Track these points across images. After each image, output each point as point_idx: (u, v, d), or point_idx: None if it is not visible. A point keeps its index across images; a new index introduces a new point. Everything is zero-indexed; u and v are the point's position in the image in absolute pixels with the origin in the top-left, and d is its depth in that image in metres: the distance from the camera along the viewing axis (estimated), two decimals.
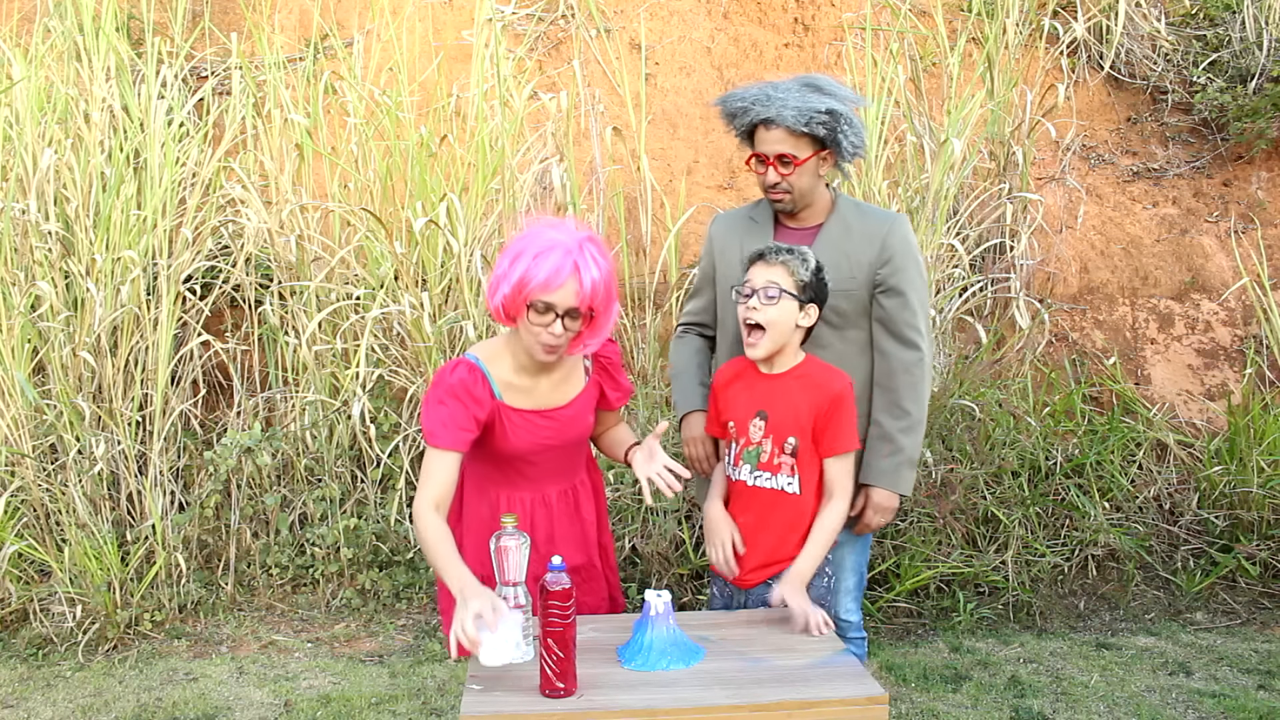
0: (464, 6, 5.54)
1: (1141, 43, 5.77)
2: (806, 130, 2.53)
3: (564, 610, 1.95)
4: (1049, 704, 3.53)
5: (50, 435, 4.20)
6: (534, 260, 2.18)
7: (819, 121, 2.52)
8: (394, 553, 4.28)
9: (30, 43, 4.86)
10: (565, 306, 2.20)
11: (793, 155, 2.56)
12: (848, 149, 2.59)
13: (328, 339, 4.45)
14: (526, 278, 2.18)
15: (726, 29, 5.72)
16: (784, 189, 2.61)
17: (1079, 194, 5.38)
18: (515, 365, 2.35)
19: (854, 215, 2.69)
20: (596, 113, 5.30)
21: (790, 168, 2.57)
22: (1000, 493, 4.32)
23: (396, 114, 4.71)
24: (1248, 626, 4.21)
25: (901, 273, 2.64)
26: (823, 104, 2.53)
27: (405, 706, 3.52)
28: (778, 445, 2.44)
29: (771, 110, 2.53)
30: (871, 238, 2.64)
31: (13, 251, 4.33)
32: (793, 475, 2.44)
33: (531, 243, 2.21)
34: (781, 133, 2.54)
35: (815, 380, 2.45)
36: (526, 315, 2.22)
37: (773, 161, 2.58)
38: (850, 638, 2.82)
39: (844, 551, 2.75)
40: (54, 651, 3.89)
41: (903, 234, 2.66)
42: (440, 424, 2.25)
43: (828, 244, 2.65)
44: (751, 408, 2.48)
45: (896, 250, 2.64)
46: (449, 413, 2.25)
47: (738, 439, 2.51)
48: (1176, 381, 5.01)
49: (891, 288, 2.64)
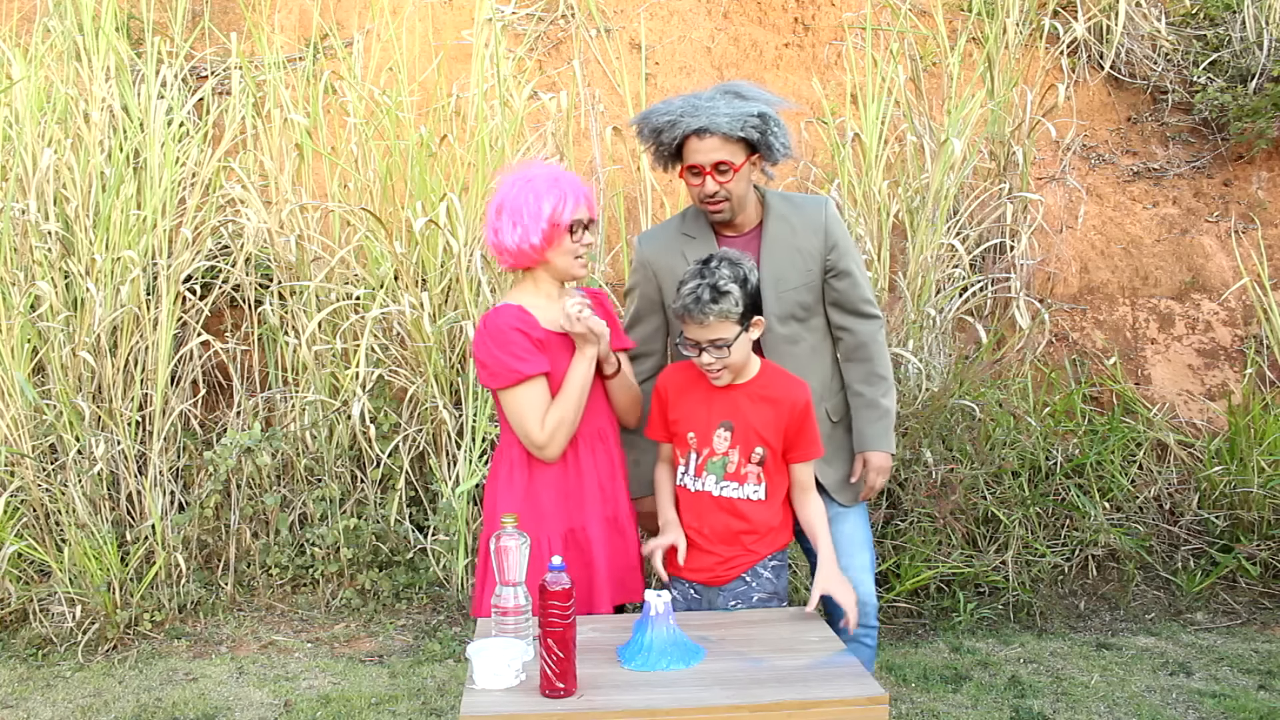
0: (464, 6, 5.54)
1: (1142, 43, 5.77)
2: (741, 134, 2.54)
3: (564, 610, 1.95)
4: (1049, 704, 3.53)
5: (50, 435, 4.20)
6: (552, 193, 2.42)
7: (751, 125, 2.54)
8: (394, 553, 4.27)
9: (30, 43, 4.86)
10: (588, 218, 2.50)
11: (729, 162, 2.56)
12: (779, 150, 2.61)
13: (328, 339, 4.45)
14: (558, 207, 2.42)
15: (726, 29, 5.72)
16: (722, 197, 2.60)
17: (1079, 194, 5.38)
18: (547, 299, 2.52)
19: (788, 209, 2.73)
20: (596, 113, 5.30)
21: (728, 175, 2.57)
22: (1000, 493, 4.32)
23: (396, 114, 4.71)
24: (1248, 626, 4.21)
25: (847, 254, 2.73)
26: (752, 108, 2.55)
27: (405, 706, 3.52)
28: (745, 456, 2.46)
29: (703, 119, 2.53)
30: (814, 227, 2.70)
31: (13, 251, 4.33)
32: (759, 483, 2.47)
33: (534, 183, 2.43)
34: (716, 140, 2.55)
35: (779, 392, 2.46)
36: (564, 241, 2.46)
37: (709, 171, 2.57)
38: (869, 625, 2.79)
39: (854, 524, 2.78)
40: (54, 651, 3.88)
41: (835, 215, 2.75)
42: (516, 359, 2.41)
43: (776, 244, 2.68)
44: (714, 418, 2.47)
45: (836, 233, 2.72)
46: (518, 346, 2.42)
47: (699, 450, 2.49)
48: (1177, 381, 5.01)
49: (841, 270, 2.72)
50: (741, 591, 2.49)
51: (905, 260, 4.77)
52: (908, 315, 4.58)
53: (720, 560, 2.49)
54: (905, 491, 4.22)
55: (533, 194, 2.42)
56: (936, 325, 4.64)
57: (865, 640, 2.76)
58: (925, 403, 4.35)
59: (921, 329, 4.60)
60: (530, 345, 2.43)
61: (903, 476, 4.23)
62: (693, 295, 2.34)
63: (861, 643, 2.75)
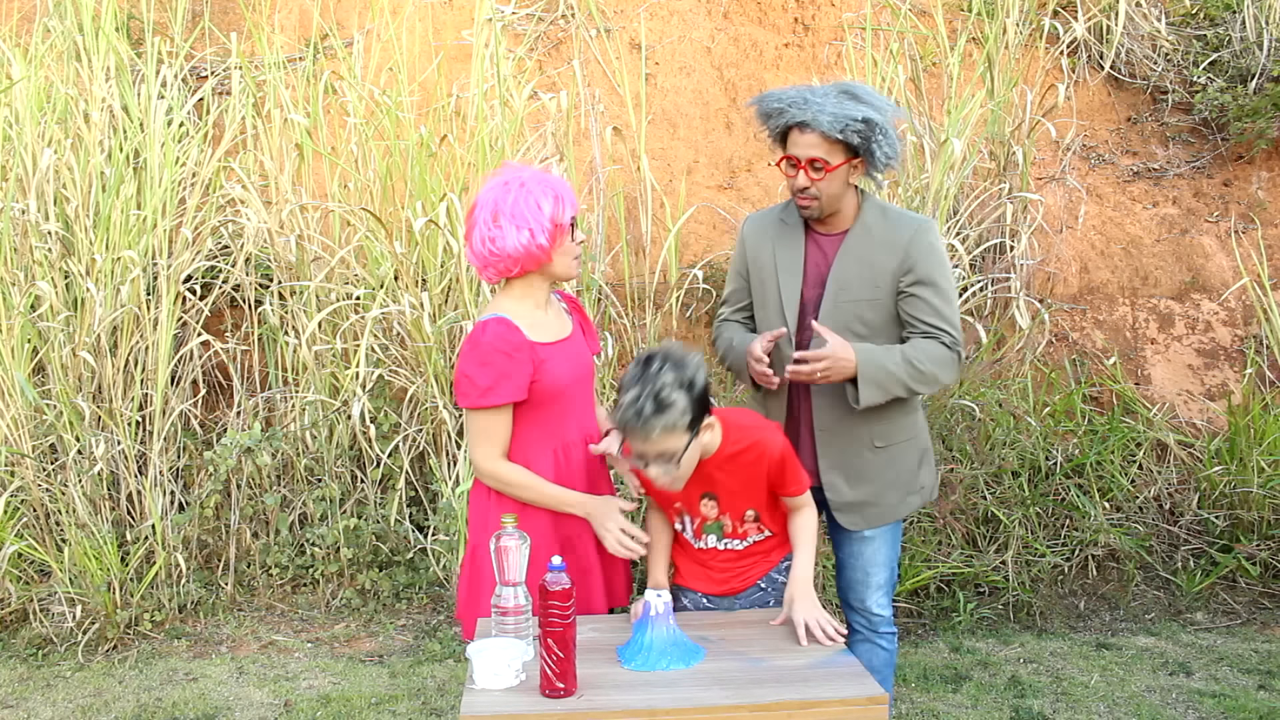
0: (464, 6, 5.54)
1: (1142, 43, 5.77)
2: (841, 137, 2.50)
3: (564, 610, 1.95)
4: (1049, 704, 3.53)
5: (50, 435, 4.20)
6: (546, 193, 2.40)
7: (854, 129, 2.49)
8: (394, 553, 4.27)
9: (30, 43, 4.86)
10: (576, 216, 2.47)
11: (824, 160, 2.53)
12: (881, 159, 2.56)
13: (328, 339, 4.45)
14: (557, 208, 2.41)
15: (726, 29, 5.72)
16: (812, 194, 2.58)
17: (1079, 194, 5.38)
18: (533, 305, 2.49)
19: (878, 221, 2.65)
20: (596, 113, 5.30)
21: (821, 173, 2.54)
22: (1000, 493, 4.32)
23: (396, 114, 4.71)
24: (1248, 626, 4.21)
25: (926, 281, 2.60)
26: (859, 112, 2.50)
27: (405, 706, 3.52)
28: (737, 519, 2.43)
29: (807, 114, 2.51)
30: (894, 246, 2.61)
31: (13, 251, 4.33)
32: (760, 531, 2.46)
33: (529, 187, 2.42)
34: (816, 137, 2.52)
35: (752, 455, 2.33)
36: (567, 239, 2.44)
37: (804, 165, 2.55)
38: (882, 632, 2.83)
39: (875, 546, 2.76)
40: (54, 651, 3.89)
41: (928, 240, 2.62)
42: (490, 381, 2.38)
43: (851, 252, 2.63)
44: (694, 491, 2.39)
45: (917, 257, 2.60)
46: (496, 370, 2.38)
47: (692, 515, 2.45)
48: (1176, 381, 5.01)
49: (914, 296, 2.61)
50: (757, 598, 2.49)
51: None
52: None
53: (734, 574, 2.48)
54: None
55: (530, 196, 2.39)
56: None
57: (881, 644, 2.84)
58: (925, 403, 4.35)
59: None
60: (511, 368, 2.37)
61: None
62: (634, 410, 2.15)
63: (878, 645, 2.84)
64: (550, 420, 2.46)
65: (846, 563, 2.81)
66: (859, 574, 2.79)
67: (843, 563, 2.83)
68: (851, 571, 2.80)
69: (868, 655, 2.82)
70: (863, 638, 2.84)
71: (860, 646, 2.83)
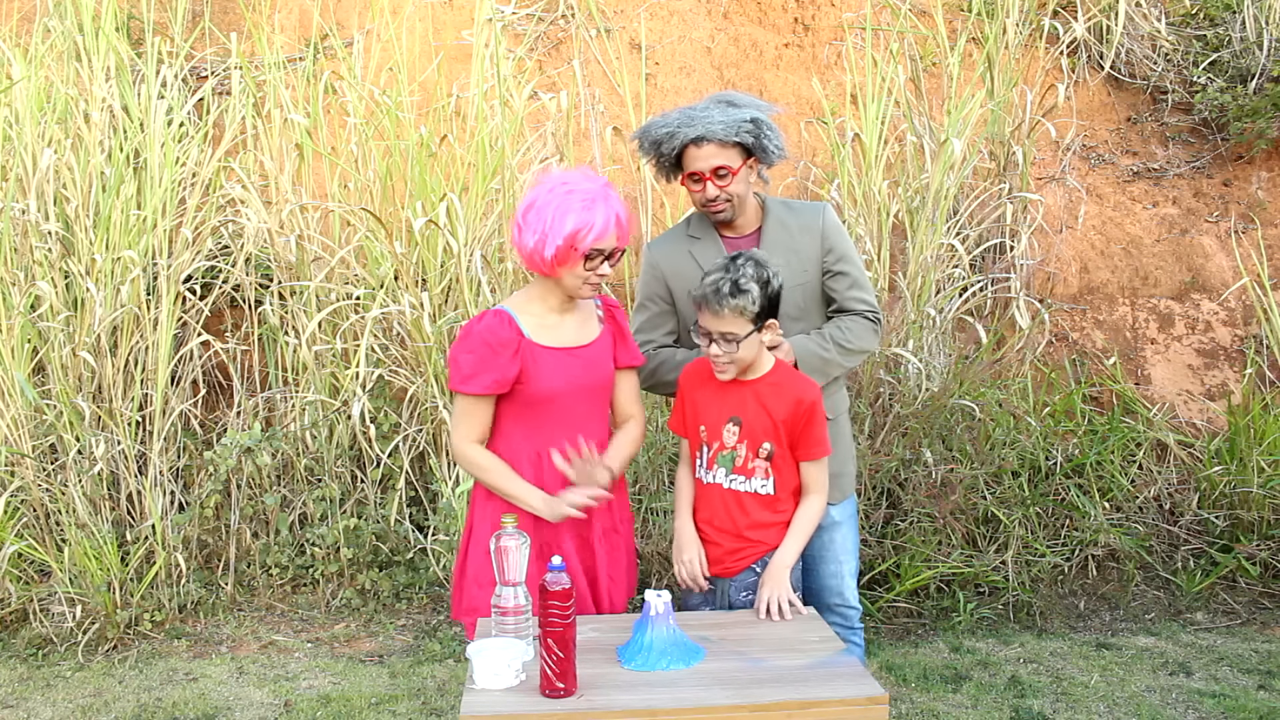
0: (464, 6, 5.54)
1: (1141, 43, 5.77)
2: (736, 140, 2.65)
3: (564, 610, 1.95)
4: (1049, 704, 3.53)
5: (50, 435, 4.20)
6: (583, 214, 2.33)
7: (745, 130, 2.65)
8: (394, 553, 4.28)
9: (30, 43, 4.86)
10: (612, 248, 2.40)
11: (727, 166, 2.66)
12: (773, 152, 2.71)
13: (328, 339, 4.45)
14: (581, 231, 2.34)
15: (726, 29, 5.72)
16: (724, 199, 2.70)
17: (1079, 194, 5.38)
18: (545, 308, 2.47)
19: (786, 213, 2.82)
20: (596, 113, 5.30)
21: (727, 178, 2.67)
22: (1000, 493, 4.32)
23: (396, 114, 4.71)
24: (1248, 626, 4.21)
25: (844, 258, 2.80)
26: (744, 114, 2.67)
27: (405, 706, 3.52)
28: (753, 450, 2.49)
29: (699, 128, 2.65)
30: (811, 230, 2.79)
31: (13, 251, 4.33)
32: (767, 478, 2.50)
33: (569, 198, 2.35)
34: (713, 147, 2.65)
35: (788, 388, 2.50)
36: (581, 265, 2.38)
37: (709, 176, 2.68)
38: (856, 626, 2.88)
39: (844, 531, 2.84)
40: (54, 651, 3.89)
41: (834, 220, 2.83)
42: (471, 370, 2.39)
43: (773, 245, 2.75)
44: (724, 413, 2.51)
45: (833, 238, 2.80)
46: (478, 359, 2.39)
47: (710, 443, 2.54)
48: (1176, 381, 5.01)
49: (838, 272, 2.79)
50: (751, 583, 2.51)
51: (905, 260, 4.77)
52: (908, 315, 4.58)
53: (728, 551, 2.52)
54: (905, 491, 4.22)
55: (564, 206, 2.34)
56: (936, 325, 4.64)
57: (855, 640, 2.90)
58: (925, 403, 4.35)
59: (921, 329, 4.60)
60: (491, 359, 2.39)
61: (903, 476, 4.23)
62: (713, 286, 2.40)
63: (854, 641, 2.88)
64: (535, 423, 2.45)
65: (819, 556, 2.82)
66: (832, 565, 2.83)
67: (815, 557, 2.82)
68: (825, 564, 2.83)
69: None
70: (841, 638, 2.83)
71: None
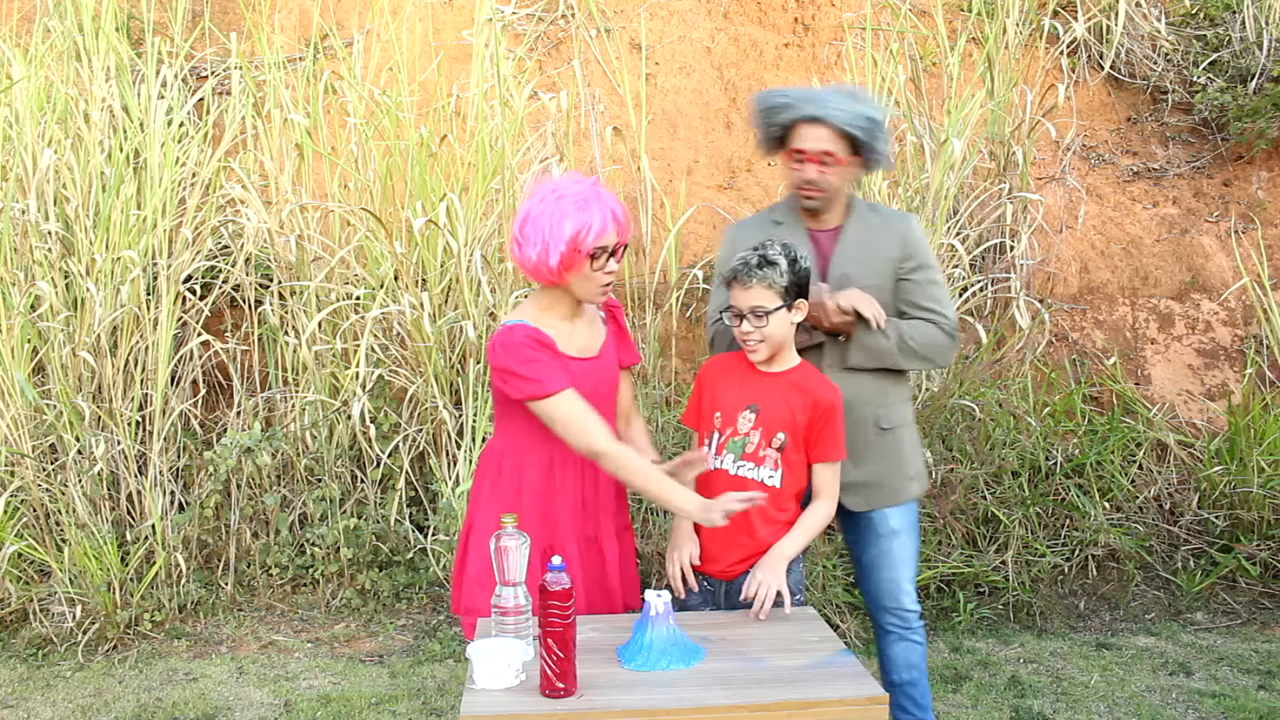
0: (464, 6, 5.54)
1: (1141, 43, 5.77)
2: (850, 131, 2.59)
3: (564, 610, 1.95)
4: (1049, 704, 3.53)
5: (50, 435, 4.20)
6: (579, 215, 2.32)
7: (861, 126, 2.60)
8: (394, 553, 4.27)
9: (30, 43, 4.86)
10: (613, 244, 2.37)
11: (834, 154, 2.61)
12: (880, 156, 2.66)
13: (328, 339, 4.45)
14: (582, 232, 2.31)
15: (726, 29, 5.72)
16: (820, 186, 2.65)
17: (1079, 194, 5.38)
18: (556, 317, 2.45)
19: (870, 215, 2.78)
20: (596, 113, 5.30)
21: (831, 165, 2.62)
22: (1000, 493, 4.32)
23: (396, 114, 4.70)
24: (1248, 626, 4.21)
25: (923, 267, 2.74)
26: (867, 110, 2.61)
27: (405, 706, 3.52)
28: (766, 439, 2.49)
29: (819, 109, 2.59)
30: (893, 234, 2.73)
31: (13, 251, 4.33)
32: (776, 469, 2.48)
33: (561, 203, 2.33)
34: (827, 131, 2.60)
35: (809, 386, 2.51)
36: (585, 266, 2.36)
37: (814, 158, 2.62)
38: (914, 626, 2.82)
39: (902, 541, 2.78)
40: (54, 651, 3.89)
41: (918, 230, 2.78)
42: (546, 371, 2.34)
43: (852, 243, 2.72)
44: (743, 400, 2.53)
45: (915, 246, 2.74)
46: (544, 360, 2.35)
47: (722, 429, 2.53)
48: (1176, 381, 5.01)
49: (915, 281, 2.73)
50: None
51: None
52: None
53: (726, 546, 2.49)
54: None
55: (559, 212, 2.32)
56: None
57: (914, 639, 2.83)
58: (925, 403, 4.35)
59: None
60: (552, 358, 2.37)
61: None
62: (742, 260, 2.44)
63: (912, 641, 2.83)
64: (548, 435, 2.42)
65: (878, 563, 2.78)
66: (890, 573, 2.78)
67: (872, 564, 2.80)
68: (883, 571, 2.78)
69: (904, 653, 2.81)
70: (897, 636, 2.82)
71: (895, 646, 2.82)
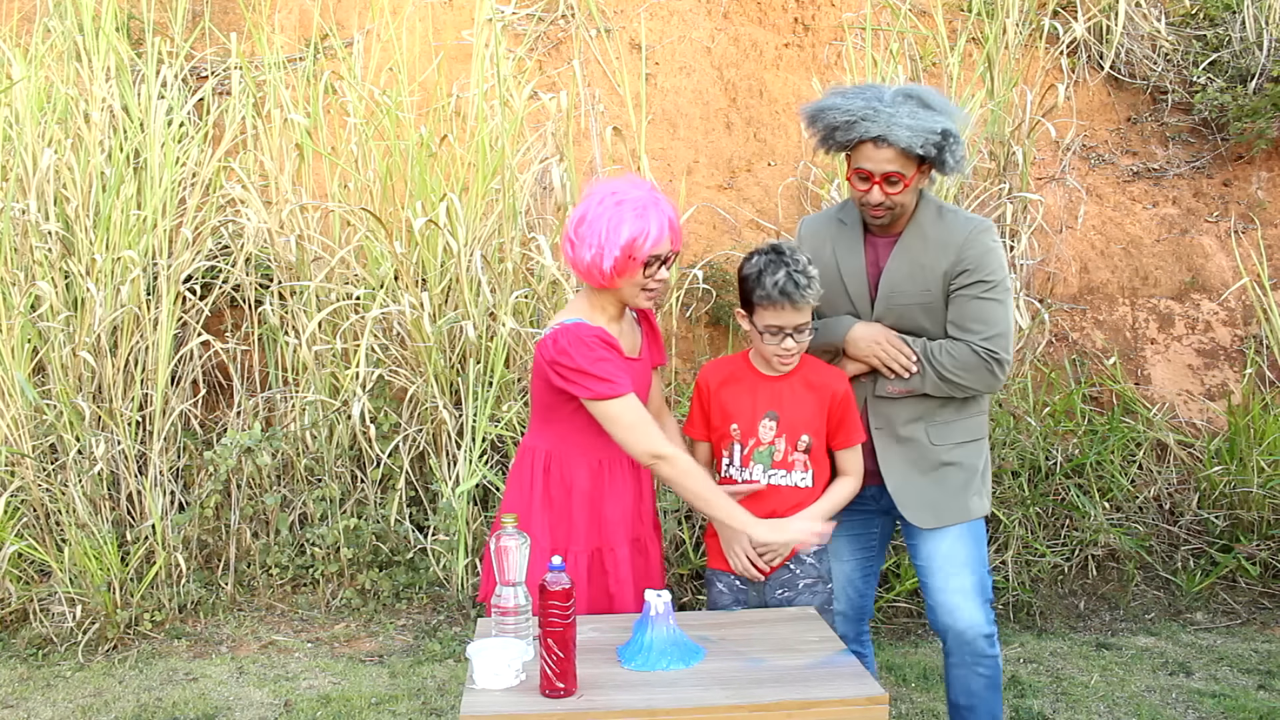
0: (464, 6, 5.54)
1: (1141, 43, 5.77)
2: (920, 152, 2.42)
3: (564, 610, 1.95)
4: (1049, 704, 3.53)
5: (50, 435, 4.20)
6: (638, 222, 2.32)
7: (932, 143, 2.41)
8: (394, 553, 4.28)
9: (30, 43, 4.85)
10: (668, 252, 2.39)
11: (900, 174, 2.45)
12: (951, 165, 2.48)
13: (328, 339, 4.45)
14: (639, 240, 2.32)
15: (726, 29, 5.72)
16: (887, 207, 2.50)
17: (1079, 194, 5.38)
18: (606, 319, 2.46)
19: (933, 222, 2.57)
20: (596, 113, 5.30)
21: (898, 186, 2.46)
22: (1000, 493, 4.32)
23: (396, 114, 4.70)
24: (1248, 626, 4.21)
25: (981, 283, 2.52)
26: (936, 124, 2.41)
27: (405, 706, 3.52)
28: (791, 444, 2.52)
29: (882, 128, 2.40)
30: (947, 246, 2.53)
31: (13, 251, 4.33)
32: (806, 470, 2.53)
33: (620, 209, 2.33)
34: (892, 152, 2.42)
35: (819, 379, 2.53)
36: (640, 272, 2.37)
37: (879, 180, 2.46)
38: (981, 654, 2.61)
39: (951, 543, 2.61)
40: (54, 651, 3.89)
41: (981, 242, 2.53)
42: (615, 371, 2.34)
43: (902, 254, 2.57)
44: (759, 408, 2.53)
45: (972, 258, 2.51)
46: (613, 360, 2.36)
47: (744, 441, 2.55)
48: (1176, 381, 5.01)
49: (963, 297, 2.53)
50: (786, 579, 2.54)
51: None
52: None
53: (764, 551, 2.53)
54: None
55: (617, 217, 2.32)
56: None
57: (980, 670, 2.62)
58: None
59: None
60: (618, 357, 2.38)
61: None
62: (790, 282, 2.39)
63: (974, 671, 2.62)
64: (598, 429, 2.42)
65: (925, 568, 2.63)
66: (938, 579, 2.60)
67: (921, 570, 2.65)
68: (929, 577, 2.63)
69: (962, 679, 2.63)
70: (956, 661, 2.62)
71: (955, 670, 2.64)
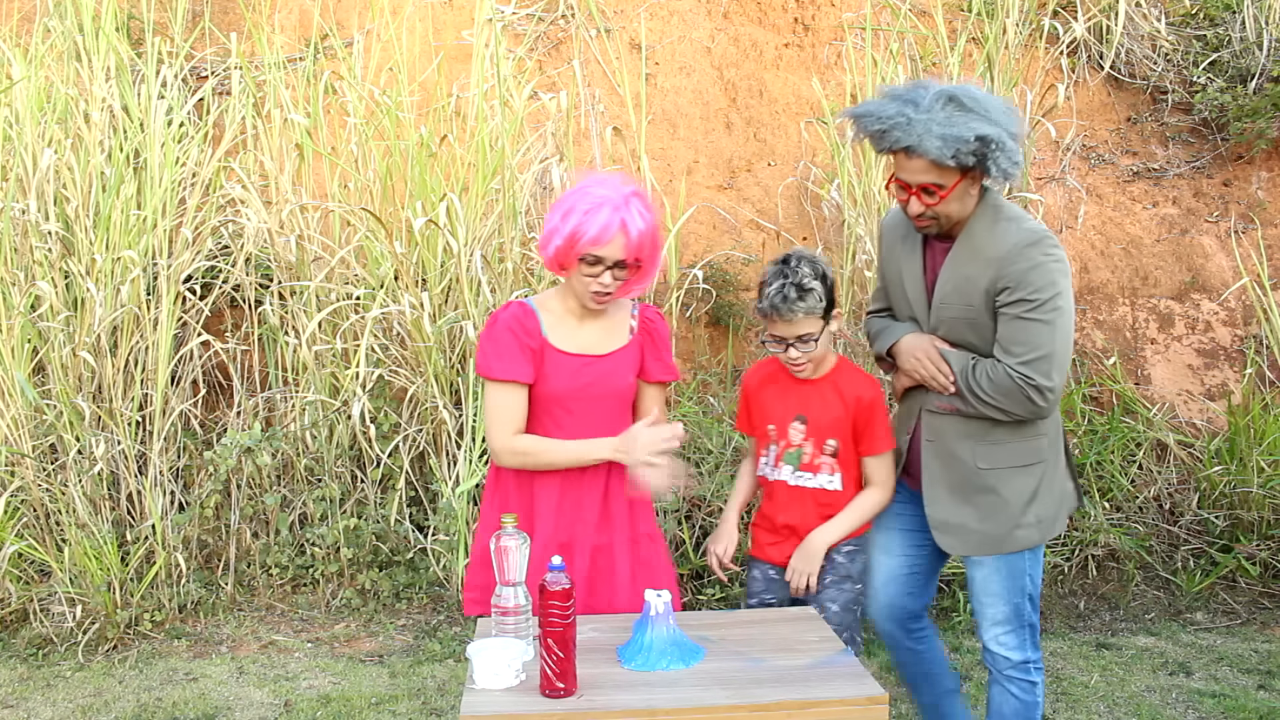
0: (464, 6, 5.54)
1: (1141, 43, 5.77)
2: (953, 163, 2.25)
3: (564, 610, 1.95)
4: (1049, 704, 3.53)
5: (50, 435, 4.20)
6: (584, 216, 2.33)
7: (967, 151, 2.23)
8: (394, 553, 4.28)
9: (30, 43, 4.85)
10: (613, 259, 2.35)
11: (937, 185, 2.29)
12: (999, 171, 2.28)
13: (328, 339, 4.45)
14: (578, 233, 2.33)
15: (726, 29, 5.72)
16: (929, 217, 2.36)
17: (1079, 194, 5.38)
18: (565, 309, 2.48)
19: (985, 231, 2.38)
20: (596, 113, 5.30)
21: (935, 197, 2.31)
22: None
23: (396, 114, 4.70)
24: (1248, 626, 4.21)
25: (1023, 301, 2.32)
26: (971, 130, 2.22)
27: (405, 706, 3.52)
28: (818, 447, 2.58)
29: (912, 137, 2.24)
30: (990, 260, 2.35)
31: (13, 251, 4.33)
32: (833, 473, 2.58)
33: (581, 199, 2.36)
34: (924, 163, 2.27)
35: (850, 385, 2.58)
36: (578, 267, 2.37)
37: (915, 191, 2.32)
38: (1010, 676, 2.56)
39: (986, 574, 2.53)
40: (54, 651, 3.89)
41: (1031, 257, 2.32)
42: (496, 356, 2.40)
43: (953, 263, 2.42)
44: (790, 411, 2.60)
45: (1017, 276, 2.32)
46: (503, 346, 2.40)
47: (778, 441, 2.62)
48: (1176, 381, 5.01)
49: (1006, 316, 2.35)
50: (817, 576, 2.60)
51: None
52: None
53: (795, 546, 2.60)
54: None
55: (572, 208, 2.35)
56: None
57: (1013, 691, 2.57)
58: None
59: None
60: (518, 349, 2.39)
61: None
62: (779, 295, 2.43)
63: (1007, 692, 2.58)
64: (550, 426, 2.44)
65: (969, 588, 2.62)
66: (975, 604, 2.59)
67: (968, 589, 2.64)
68: (971, 601, 2.62)
69: (997, 700, 2.59)
70: (992, 679, 2.62)
71: (992, 689, 2.62)
